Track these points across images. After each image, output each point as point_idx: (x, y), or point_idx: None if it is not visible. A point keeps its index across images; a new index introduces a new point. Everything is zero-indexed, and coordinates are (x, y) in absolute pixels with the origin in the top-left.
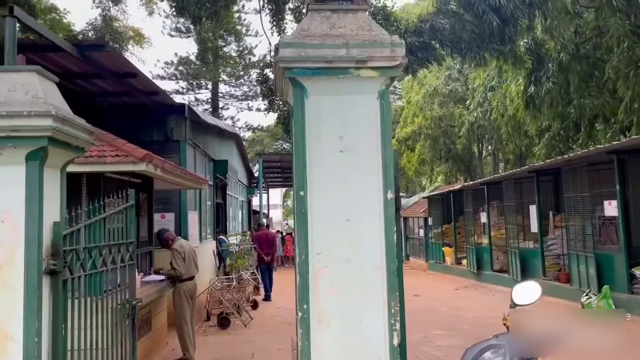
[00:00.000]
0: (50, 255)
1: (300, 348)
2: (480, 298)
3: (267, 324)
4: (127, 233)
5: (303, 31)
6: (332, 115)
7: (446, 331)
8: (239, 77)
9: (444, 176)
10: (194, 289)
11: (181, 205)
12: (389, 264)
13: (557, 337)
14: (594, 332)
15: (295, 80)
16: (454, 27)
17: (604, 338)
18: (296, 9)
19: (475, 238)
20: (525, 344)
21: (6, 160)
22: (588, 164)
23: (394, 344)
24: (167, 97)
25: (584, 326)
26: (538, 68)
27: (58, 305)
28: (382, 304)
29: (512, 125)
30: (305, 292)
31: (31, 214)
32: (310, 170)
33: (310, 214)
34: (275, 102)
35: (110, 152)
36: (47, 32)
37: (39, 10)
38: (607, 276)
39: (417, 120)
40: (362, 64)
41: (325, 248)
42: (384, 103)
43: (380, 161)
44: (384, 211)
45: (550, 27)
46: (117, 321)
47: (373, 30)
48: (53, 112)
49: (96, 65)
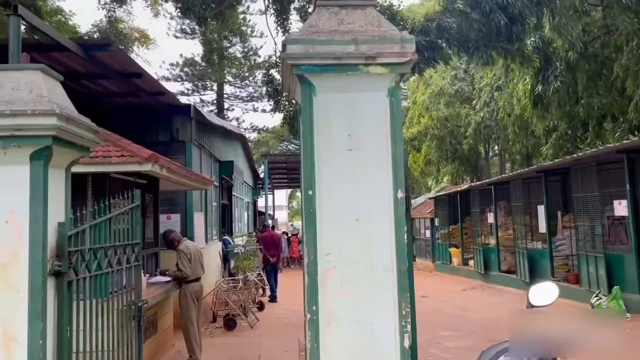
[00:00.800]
0: (55, 256)
1: (309, 350)
2: (488, 299)
3: (273, 326)
4: (133, 234)
5: (311, 27)
6: (340, 112)
7: (454, 332)
8: (244, 78)
9: (450, 177)
10: (200, 291)
11: (187, 206)
12: (399, 264)
13: (575, 339)
14: (606, 333)
15: (303, 78)
16: (460, 25)
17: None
18: (301, 8)
19: (482, 239)
20: (542, 346)
21: (10, 160)
22: (597, 163)
23: (404, 346)
24: (172, 97)
25: (598, 327)
26: (546, 67)
27: (63, 307)
28: (392, 305)
29: (519, 125)
30: (314, 293)
31: (35, 215)
32: (318, 169)
33: (319, 213)
34: (281, 102)
35: (115, 153)
36: (51, 32)
37: (45, 12)
38: (618, 277)
39: (423, 120)
40: (372, 61)
41: (334, 248)
42: (394, 100)
43: (390, 159)
44: (394, 210)
45: (559, 26)
46: (123, 323)
47: (382, 26)
48: (57, 111)
49: (101, 65)
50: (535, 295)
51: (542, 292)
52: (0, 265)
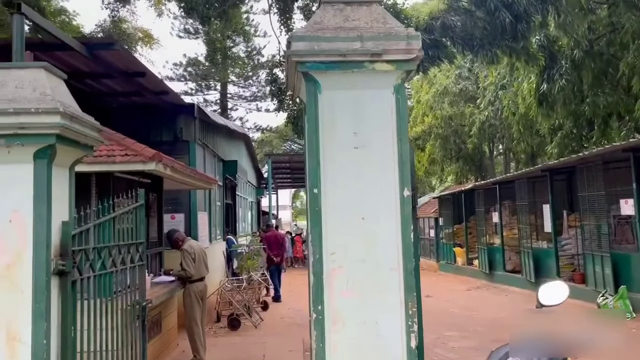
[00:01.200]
0: (59, 256)
1: (315, 350)
2: (493, 299)
3: (277, 325)
4: (137, 233)
5: (316, 24)
6: (346, 110)
7: (459, 332)
8: (247, 77)
9: (454, 176)
10: (204, 290)
11: (191, 206)
12: (405, 263)
13: (586, 339)
14: (615, 333)
15: (308, 75)
16: (465, 24)
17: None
18: (305, 7)
19: (487, 238)
20: (553, 346)
21: (14, 159)
22: (603, 162)
23: (411, 346)
24: (176, 96)
25: (608, 327)
26: (551, 65)
27: (67, 307)
28: (398, 304)
29: (524, 123)
30: (319, 293)
31: (39, 214)
32: (324, 168)
33: (324, 212)
34: (285, 101)
35: (119, 152)
36: (55, 30)
37: (49, 12)
38: (624, 276)
39: (427, 119)
40: (377, 57)
41: (339, 247)
42: (400, 98)
43: (397, 158)
44: (400, 209)
45: (564, 23)
46: (127, 323)
47: (388, 23)
48: (61, 109)
49: (105, 64)
50: (545, 295)
51: (552, 292)
52: (4, 265)
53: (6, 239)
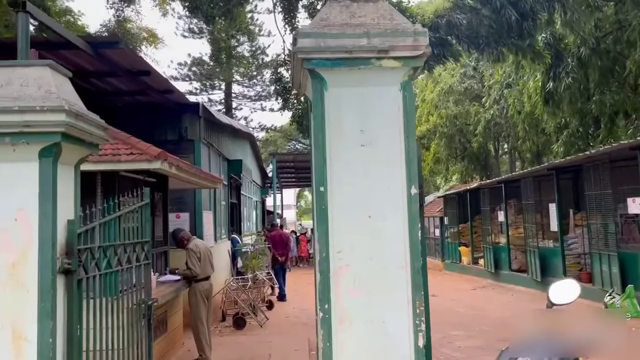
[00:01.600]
0: (65, 254)
1: (322, 349)
2: (499, 298)
3: (282, 325)
4: (143, 232)
5: (322, 21)
6: (352, 107)
7: (465, 332)
8: (252, 77)
9: (459, 175)
10: (209, 289)
11: (196, 205)
12: (413, 262)
13: (597, 338)
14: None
15: (314, 72)
16: (471, 22)
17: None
18: (310, 5)
19: (492, 237)
20: (564, 345)
21: (19, 157)
22: (610, 160)
23: (419, 346)
24: (181, 95)
25: (618, 327)
26: (557, 63)
27: (73, 305)
28: (406, 303)
29: (529, 122)
30: (326, 292)
31: (45, 212)
32: (330, 165)
33: (330, 210)
34: (290, 100)
35: (124, 150)
36: (60, 29)
37: (54, 12)
38: (631, 275)
39: (432, 118)
40: (384, 54)
41: (346, 245)
42: (407, 95)
43: (404, 155)
44: (407, 207)
45: (570, 21)
46: (133, 322)
47: (395, 19)
48: (66, 107)
49: (110, 63)
50: (556, 293)
51: (562, 290)
52: (10, 264)
53: (12, 238)
